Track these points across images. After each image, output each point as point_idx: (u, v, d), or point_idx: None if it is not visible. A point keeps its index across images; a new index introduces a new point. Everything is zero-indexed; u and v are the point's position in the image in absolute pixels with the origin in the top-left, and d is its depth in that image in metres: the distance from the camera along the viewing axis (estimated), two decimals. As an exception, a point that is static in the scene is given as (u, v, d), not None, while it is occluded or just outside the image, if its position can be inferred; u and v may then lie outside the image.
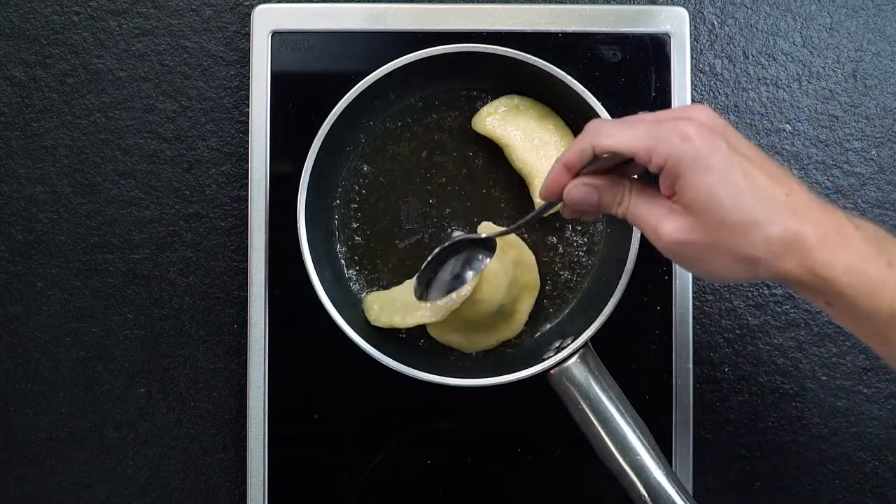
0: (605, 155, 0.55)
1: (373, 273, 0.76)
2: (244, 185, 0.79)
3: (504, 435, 0.77)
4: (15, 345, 0.79)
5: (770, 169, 0.53)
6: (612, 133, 0.55)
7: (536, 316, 0.76)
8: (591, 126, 0.56)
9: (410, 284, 0.73)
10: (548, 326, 0.76)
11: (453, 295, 0.70)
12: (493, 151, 0.76)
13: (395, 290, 0.74)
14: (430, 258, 0.67)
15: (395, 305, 0.73)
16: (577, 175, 0.58)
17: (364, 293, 0.76)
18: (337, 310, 0.70)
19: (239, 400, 0.79)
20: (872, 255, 0.52)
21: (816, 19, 0.80)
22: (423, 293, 0.68)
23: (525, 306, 0.75)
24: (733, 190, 0.52)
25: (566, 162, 0.58)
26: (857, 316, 0.52)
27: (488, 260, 0.68)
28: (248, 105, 0.76)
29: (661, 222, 0.54)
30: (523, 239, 0.75)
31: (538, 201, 0.74)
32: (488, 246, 0.68)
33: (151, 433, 0.79)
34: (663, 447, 0.68)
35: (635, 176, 0.59)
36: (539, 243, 0.76)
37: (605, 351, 0.70)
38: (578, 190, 0.58)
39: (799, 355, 0.80)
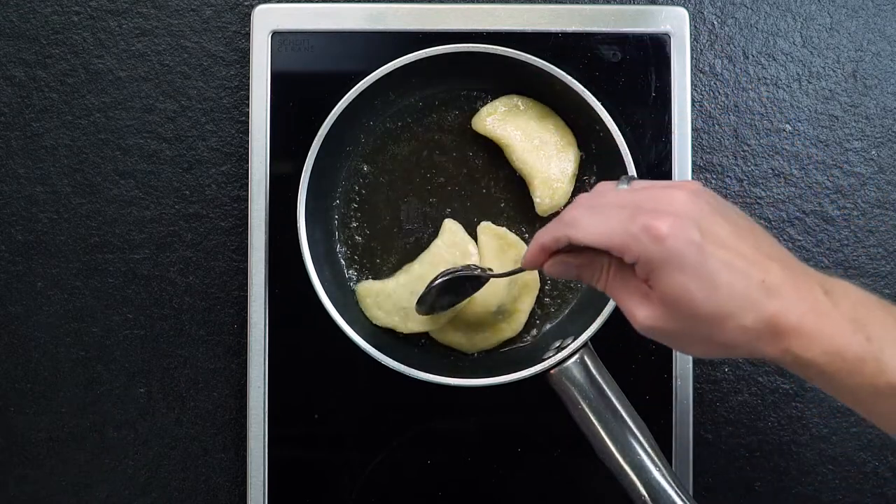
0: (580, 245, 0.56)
1: (373, 273, 0.76)
2: (244, 185, 0.79)
3: (504, 435, 0.77)
4: (15, 345, 0.79)
5: (748, 250, 0.52)
6: (586, 227, 0.54)
7: (536, 316, 0.76)
8: (567, 215, 0.56)
9: (405, 279, 0.73)
10: (548, 326, 0.76)
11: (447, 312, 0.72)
12: (493, 151, 0.76)
13: (389, 283, 0.74)
14: (429, 286, 0.69)
15: (392, 304, 0.73)
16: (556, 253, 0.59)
17: (355, 283, 0.76)
18: (337, 310, 0.70)
19: (239, 400, 0.79)
20: (850, 332, 0.51)
21: (816, 19, 0.80)
22: (424, 311, 0.71)
23: (525, 305, 0.75)
24: (706, 285, 0.51)
25: (542, 245, 0.58)
26: (839, 390, 0.52)
27: (473, 292, 0.71)
28: (248, 105, 0.76)
29: (636, 308, 0.55)
30: (524, 238, 0.75)
31: (538, 200, 0.74)
32: (481, 282, 0.70)
33: (151, 433, 0.79)
34: (663, 447, 0.68)
35: None
36: (539, 243, 0.76)
37: (605, 351, 0.70)
38: (557, 267, 0.59)
39: (799, 355, 0.79)
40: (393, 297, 0.73)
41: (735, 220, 0.54)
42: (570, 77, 0.70)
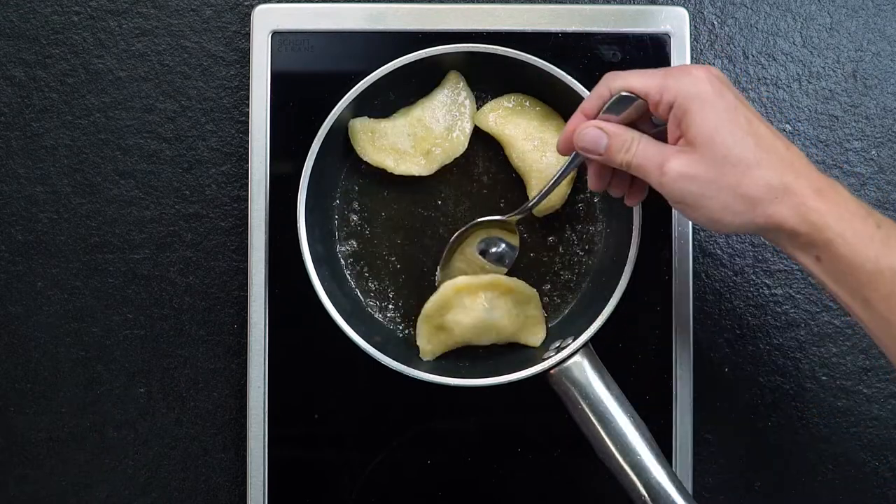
0: (624, 93, 0.60)
1: (373, 272, 0.76)
2: (244, 185, 0.79)
3: (504, 435, 0.77)
4: (15, 345, 0.79)
5: (770, 126, 0.57)
6: (628, 76, 0.60)
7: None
8: (608, 74, 0.61)
9: (402, 121, 0.74)
10: (548, 326, 0.76)
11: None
12: (494, 150, 0.76)
13: (386, 122, 0.74)
14: (451, 242, 0.71)
15: (387, 143, 0.73)
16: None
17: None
18: (336, 309, 0.70)
19: (239, 400, 0.79)
20: (864, 214, 0.55)
21: (816, 19, 0.80)
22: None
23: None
24: (736, 130, 0.56)
25: (584, 109, 0.62)
26: (842, 270, 0.55)
27: (505, 246, 0.73)
28: (248, 105, 0.76)
29: (668, 159, 0.57)
30: (522, 239, 0.75)
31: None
32: (508, 229, 0.73)
33: (151, 433, 0.79)
34: (663, 447, 0.68)
35: None
36: (539, 243, 0.76)
37: (605, 351, 0.70)
38: (589, 132, 0.61)
39: (799, 355, 0.80)
40: (389, 137, 0.74)
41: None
42: (570, 77, 0.70)
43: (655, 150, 0.59)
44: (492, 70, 0.73)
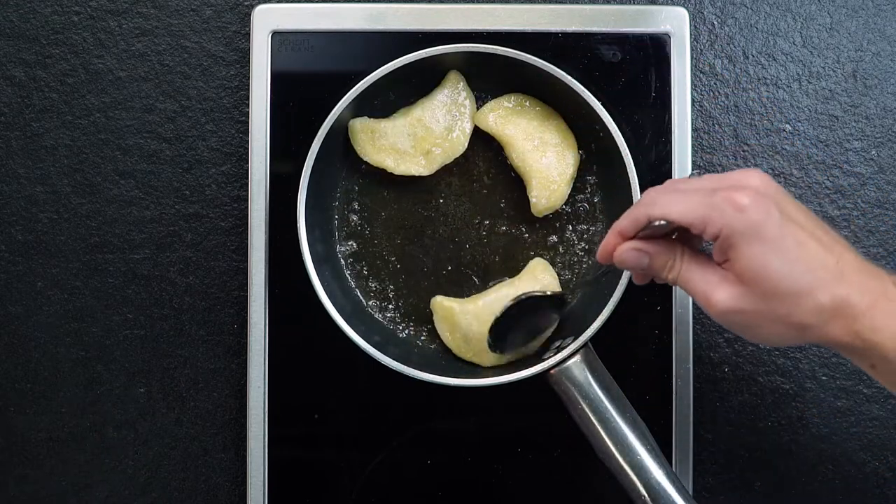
0: (660, 223, 0.56)
1: (373, 272, 0.76)
2: (244, 185, 0.79)
3: (504, 435, 0.77)
4: (15, 345, 0.79)
5: (821, 235, 0.55)
6: (667, 203, 0.56)
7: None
8: (646, 196, 0.58)
9: (402, 121, 0.74)
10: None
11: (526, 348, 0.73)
12: (494, 150, 0.76)
13: (386, 122, 0.74)
14: (500, 314, 0.68)
15: (387, 143, 0.73)
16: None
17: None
18: (337, 309, 0.70)
19: (239, 400, 0.79)
20: None
21: (816, 19, 0.80)
22: (498, 347, 0.71)
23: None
24: (785, 259, 0.53)
25: (620, 230, 0.59)
26: None
27: (556, 316, 0.71)
28: (248, 105, 0.76)
29: (714, 291, 0.55)
30: (524, 238, 0.75)
31: (534, 200, 0.74)
32: (556, 303, 0.70)
33: (151, 433, 0.79)
34: (663, 447, 0.68)
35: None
36: (539, 243, 0.76)
37: (605, 351, 0.70)
38: (629, 254, 0.59)
39: (799, 355, 0.79)
40: (389, 137, 0.73)
41: (804, 208, 0.56)
42: (570, 77, 0.70)
43: (700, 274, 0.56)
44: (492, 70, 0.73)
